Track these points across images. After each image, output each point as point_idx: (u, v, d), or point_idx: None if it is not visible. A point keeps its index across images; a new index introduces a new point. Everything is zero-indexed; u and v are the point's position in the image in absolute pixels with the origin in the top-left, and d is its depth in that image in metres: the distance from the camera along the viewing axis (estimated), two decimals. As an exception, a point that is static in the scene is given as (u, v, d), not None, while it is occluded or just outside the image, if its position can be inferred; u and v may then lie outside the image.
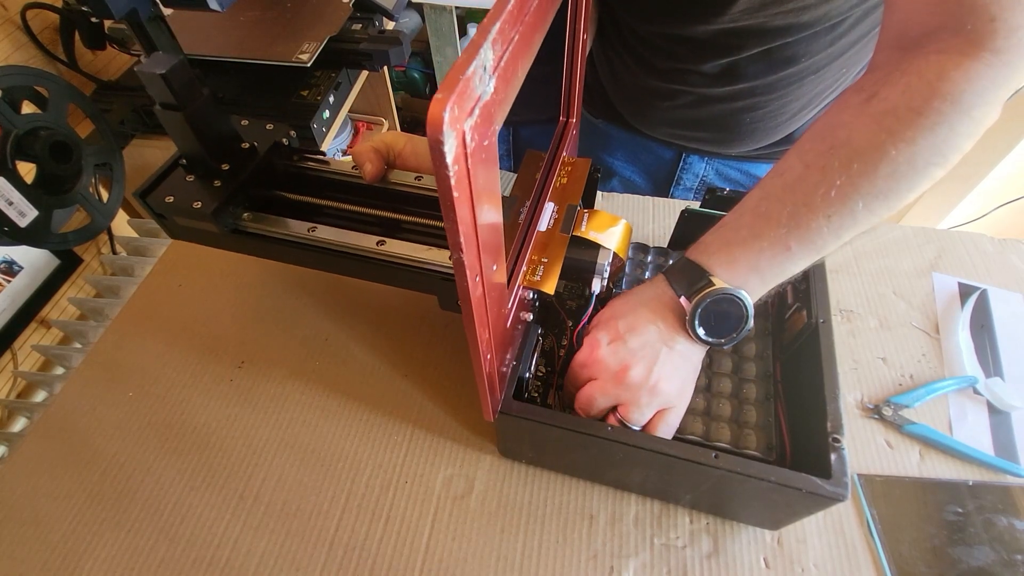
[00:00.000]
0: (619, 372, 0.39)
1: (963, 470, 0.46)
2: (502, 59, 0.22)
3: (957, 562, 0.42)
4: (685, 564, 0.42)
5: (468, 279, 0.25)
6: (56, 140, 0.79)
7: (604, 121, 0.75)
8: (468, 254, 0.24)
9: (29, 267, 0.98)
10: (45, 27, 1.00)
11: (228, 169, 0.46)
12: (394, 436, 0.50)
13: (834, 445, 0.36)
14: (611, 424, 0.40)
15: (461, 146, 0.19)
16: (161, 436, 0.51)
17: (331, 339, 0.57)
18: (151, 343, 0.58)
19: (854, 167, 0.34)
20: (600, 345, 0.41)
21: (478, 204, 0.23)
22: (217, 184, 0.44)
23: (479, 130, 0.21)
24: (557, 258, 0.42)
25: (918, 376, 0.52)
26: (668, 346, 0.40)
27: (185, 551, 0.45)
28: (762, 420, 0.44)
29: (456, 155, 0.19)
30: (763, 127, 0.62)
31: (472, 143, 0.20)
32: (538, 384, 0.47)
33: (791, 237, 0.36)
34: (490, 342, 0.32)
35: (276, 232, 0.45)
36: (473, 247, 0.24)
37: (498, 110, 0.22)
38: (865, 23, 0.51)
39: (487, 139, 0.22)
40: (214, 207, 0.42)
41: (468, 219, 0.23)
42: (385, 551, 0.44)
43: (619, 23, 0.63)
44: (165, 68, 0.39)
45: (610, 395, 0.40)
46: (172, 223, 0.48)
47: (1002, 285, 0.58)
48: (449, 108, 0.18)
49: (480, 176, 0.22)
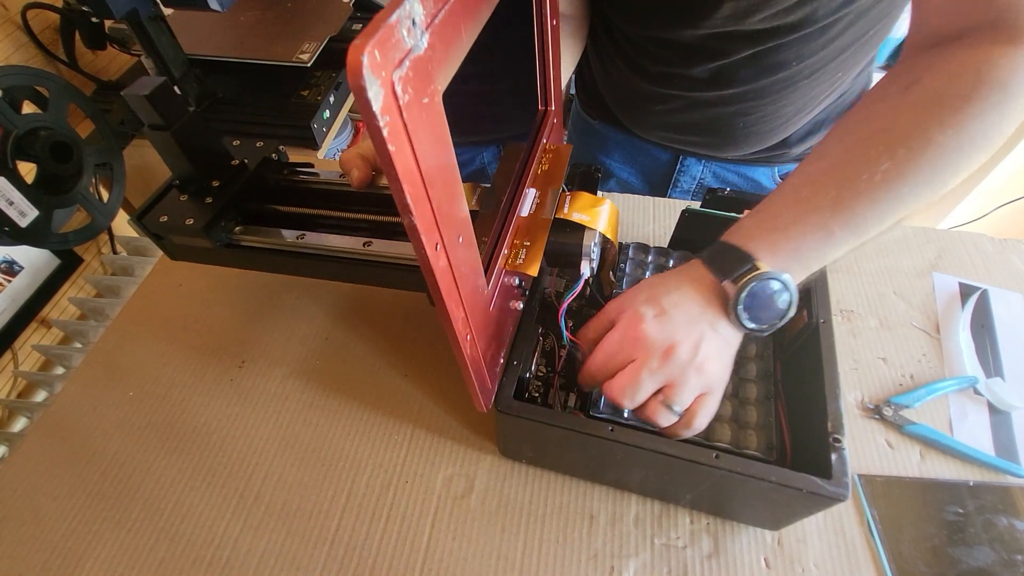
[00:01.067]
0: (668, 349, 0.37)
1: (963, 470, 0.46)
2: (436, 16, 0.21)
3: (957, 562, 0.42)
4: (685, 564, 0.42)
5: (425, 245, 0.24)
6: (56, 140, 0.79)
7: (601, 123, 0.75)
8: (420, 217, 0.23)
9: (30, 267, 0.98)
10: (46, 27, 1.00)
11: (218, 185, 0.47)
12: (394, 436, 0.50)
13: (834, 445, 0.36)
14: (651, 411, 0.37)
15: (391, 96, 0.19)
16: (161, 436, 0.51)
17: (331, 338, 0.57)
18: (152, 343, 0.58)
19: (900, 152, 0.34)
20: (644, 320, 0.38)
21: (425, 165, 0.23)
22: (208, 201, 0.46)
23: (413, 84, 0.20)
24: (539, 241, 0.41)
25: (918, 376, 0.52)
26: (712, 328, 0.38)
27: (185, 550, 0.45)
28: (762, 420, 0.43)
29: (386, 105, 0.19)
30: (757, 131, 0.62)
31: (406, 96, 0.20)
32: (538, 384, 0.46)
33: (834, 222, 0.36)
34: (467, 321, 0.32)
35: (266, 243, 0.46)
36: (426, 211, 0.24)
37: (437, 69, 0.22)
38: (858, 26, 0.51)
39: (427, 97, 0.22)
40: (205, 222, 0.44)
41: (414, 179, 0.22)
42: (385, 550, 0.44)
43: (610, 27, 0.63)
44: (149, 90, 0.41)
45: (657, 375, 0.37)
46: (169, 243, 0.49)
47: (1002, 285, 0.58)
48: (368, 52, 0.17)
49: (424, 136, 0.22)
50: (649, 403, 0.38)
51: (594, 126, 0.76)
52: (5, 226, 0.75)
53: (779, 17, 0.48)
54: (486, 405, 0.39)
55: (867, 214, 0.35)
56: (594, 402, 0.44)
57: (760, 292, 0.36)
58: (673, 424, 0.38)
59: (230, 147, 0.51)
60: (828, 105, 0.62)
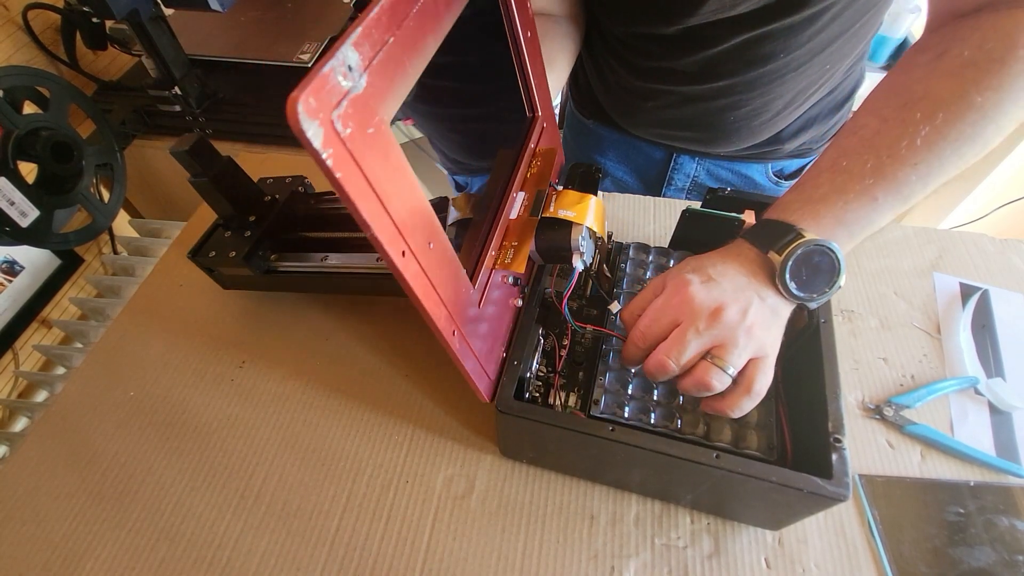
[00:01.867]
0: (715, 310, 0.36)
1: (964, 470, 0.46)
2: (375, 59, 0.24)
3: (958, 562, 0.42)
4: (686, 564, 0.42)
5: (390, 254, 0.27)
6: (57, 140, 0.79)
7: (595, 122, 0.75)
8: (380, 231, 0.26)
9: (30, 267, 0.98)
10: (46, 27, 1.00)
11: (254, 220, 0.54)
12: (395, 436, 0.50)
13: (835, 445, 0.36)
14: (703, 373, 0.36)
15: (332, 133, 0.22)
16: (162, 435, 0.51)
17: (332, 339, 0.57)
18: (152, 343, 0.58)
19: (939, 117, 0.35)
20: (691, 284, 0.37)
21: (379, 185, 0.25)
22: (247, 234, 0.53)
23: (355, 119, 0.23)
24: (526, 240, 0.43)
25: (919, 376, 0.52)
26: (760, 296, 0.37)
27: (186, 551, 0.45)
28: (763, 420, 0.43)
29: (327, 141, 0.21)
30: (748, 126, 0.62)
31: (347, 130, 0.23)
32: (539, 384, 0.46)
33: (877, 188, 0.36)
34: (451, 319, 0.34)
35: (297, 267, 0.53)
36: (386, 224, 0.26)
37: (380, 103, 0.25)
38: (844, 17, 0.51)
39: (372, 127, 0.24)
40: (244, 253, 0.51)
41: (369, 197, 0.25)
42: (386, 551, 0.44)
43: (598, 25, 0.63)
44: (189, 145, 0.49)
45: (704, 336, 0.36)
46: (219, 275, 0.57)
47: (1003, 285, 0.58)
48: (303, 100, 0.20)
49: (374, 161, 0.25)
50: (699, 365, 0.36)
51: (588, 125, 0.76)
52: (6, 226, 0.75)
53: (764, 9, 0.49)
54: (487, 395, 0.40)
55: (910, 177, 0.36)
56: (595, 402, 0.44)
57: (806, 259, 0.36)
58: (733, 393, 0.37)
59: (264, 185, 0.58)
60: (819, 100, 0.62)
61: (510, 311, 0.45)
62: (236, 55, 1.08)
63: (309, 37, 1.09)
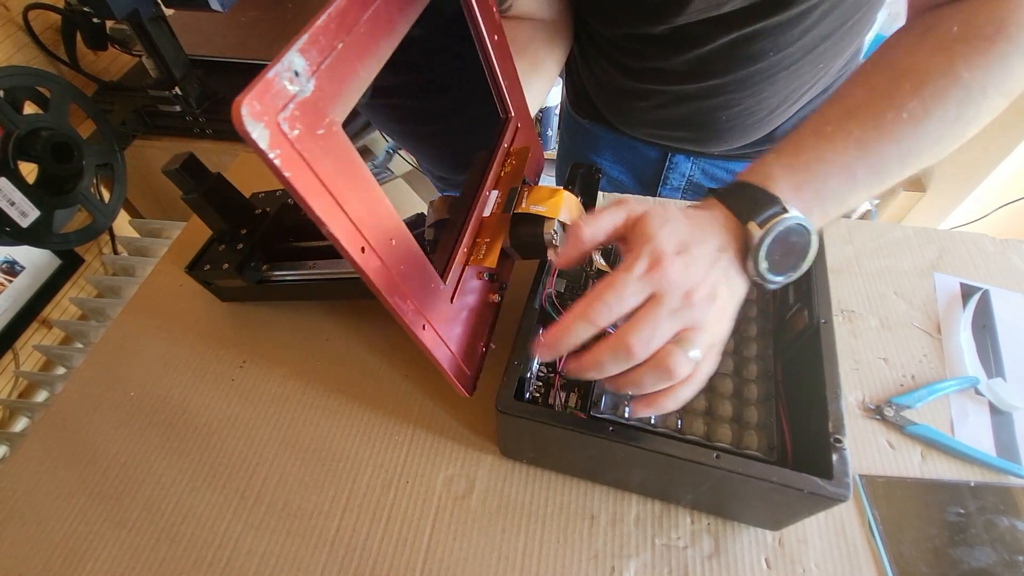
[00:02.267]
0: (689, 291, 0.32)
1: (965, 471, 0.46)
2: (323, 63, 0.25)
3: (958, 563, 0.42)
4: (686, 564, 0.42)
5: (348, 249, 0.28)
6: (58, 140, 0.79)
7: (590, 122, 0.75)
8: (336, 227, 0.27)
9: (31, 267, 0.98)
10: (47, 28, 1.00)
11: (246, 233, 0.55)
12: (395, 436, 0.50)
13: (835, 445, 0.36)
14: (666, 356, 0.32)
15: (279, 135, 0.22)
16: (162, 436, 0.51)
17: (332, 339, 0.57)
18: (152, 343, 0.58)
19: (927, 91, 0.34)
20: (666, 257, 0.32)
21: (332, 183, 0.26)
22: (239, 247, 0.54)
23: (303, 121, 0.24)
24: (499, 236, 0.44)
25: (920, 376, 0.52)
26: (725, 274, 0.34)
27: (186, 551, 0.45)
28: (763, 420, 0.43)
29: (274, 142, 0.22)
30: (741, 125, 0.62)
31: (295, 131, 0.23)
32: (539, 384, 0.46)
33: (858, 164, 0.34)
34: (420, 312, 0.35)
35: (287, 275, 0.55)
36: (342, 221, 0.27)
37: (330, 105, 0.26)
38: (834, 16, 0.51)
39: (322, 128, 0.25)
40: (237, 265, 0.52)
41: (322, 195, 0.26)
42: (386, 551, 0.44)
43: (589, 28, 0.63)
44: (180, 163, 0.51)
45: (678, 317, 0.32)
46: (216, 288, 0.59)
47: (1004, 285, 0.58)
48: (246, 104, 0.21)
49: (326, 160, 0.25)
50: (664, 348, 0.32)
51: (584, 125, 0.76)
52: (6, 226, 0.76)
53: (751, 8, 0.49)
54: (466, 390, 0.41)
55: (891, 155, 0.35)
56: (595, 402, 0.44)
57: (785, 238, 0.34)
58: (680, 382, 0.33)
59: (256, 199, 0.60)
60: (813, 99, 0.62)
61: (489, 307, 0.47)
62: (236, 55, 1.08)
63: (309, 37, 1.09)
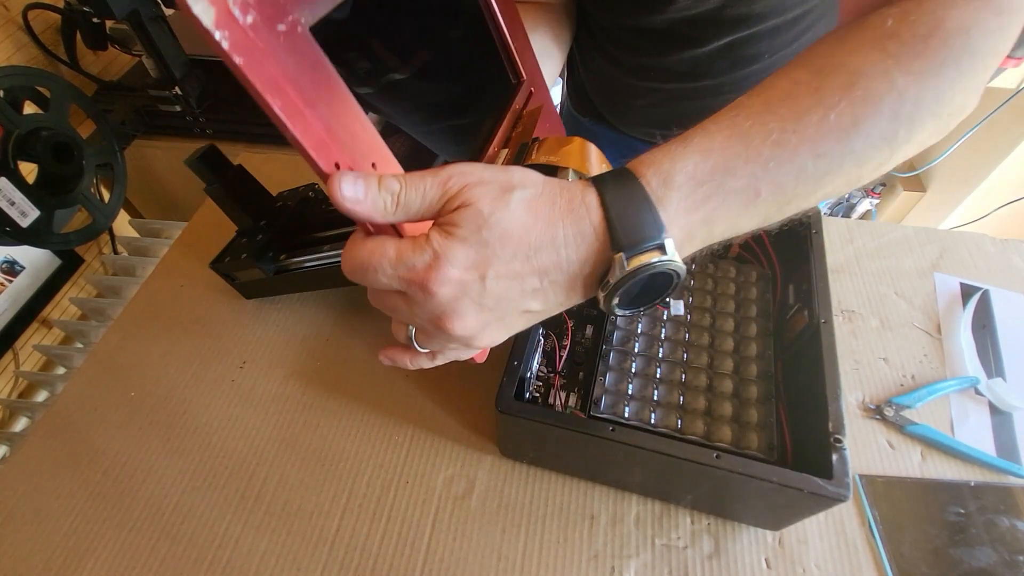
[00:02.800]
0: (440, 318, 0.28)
1: (965, 471, 0.46)
2: None
3: (959, 563, 0.42)
4: (686, 564, 0.42)
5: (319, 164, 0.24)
6: (58, 140, 0.79)
7: (590, 120, 0.75)
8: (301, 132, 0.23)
9: (31, 267, 0.98)
10: (47, 27, 1.00)
11: (265, 224, 0.57)
12: (395, 436, 0.50)
13: (835, 445, 0.36)
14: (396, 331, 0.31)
15: (226, 14, 0.21)
16: (163, 436, 0.51)
17: (332, 340, 0.57)
18: (153, 343, 0.58)
19: (857, 90, 0.28)
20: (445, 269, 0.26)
21: (299, 88, 0.24)
22: (260, 238, 0.55)
23: (259, 11, 0.22)
24: None
25: (920, 376, 0.52)
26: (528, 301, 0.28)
27: (186, 550, 0.45)
28: (763, 420, 0.43)
29: (220, 22, 0.20)
30: None
31: (250, 18, 0.21)
32: (538, 384, 0.47)
33: (764, 180, 0.28)
34: None
35: (303, 263, 0.54)
36: (309, 127, 0.24)
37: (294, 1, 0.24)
38: (828, 19, 0.51)
39: (283, 25, 0.23)
40: (255, 254, 0.54)
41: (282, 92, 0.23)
42: (386, 551, 0.44)
43: (587, 19, 0.63)
44: (200, 154, 0.52)
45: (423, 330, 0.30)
46: (239, 283, 0.59)
47: (1004, 285, 0.58)
48: None
49: (288, 59, 0.23)
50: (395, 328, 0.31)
51: (584, 123, 0.77)
52: (7, 226, 0.76)
53: (745, 4, 0.49)
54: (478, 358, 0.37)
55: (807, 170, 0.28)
56: (595, 402, 0.44)
57: (651, 281, 0.28)
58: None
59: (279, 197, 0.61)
60: None
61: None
62: (236, 55, 1.08)
63: (309, 37, 1.09)
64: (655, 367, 0.47)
